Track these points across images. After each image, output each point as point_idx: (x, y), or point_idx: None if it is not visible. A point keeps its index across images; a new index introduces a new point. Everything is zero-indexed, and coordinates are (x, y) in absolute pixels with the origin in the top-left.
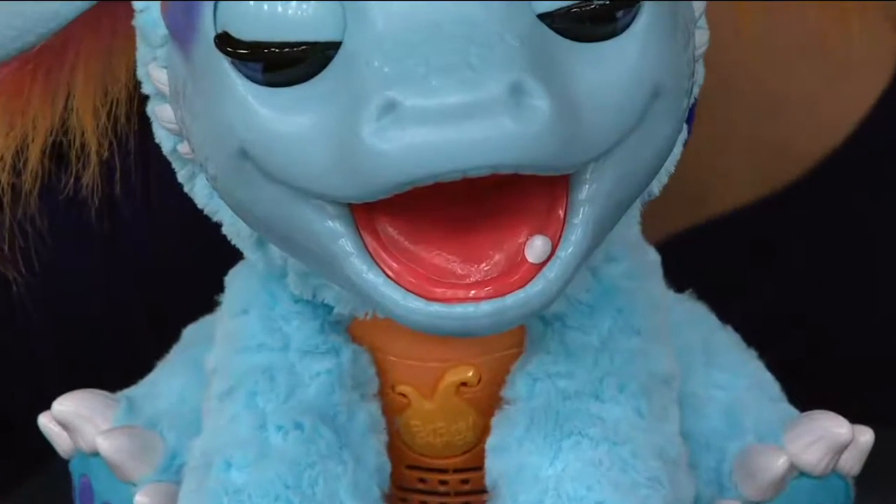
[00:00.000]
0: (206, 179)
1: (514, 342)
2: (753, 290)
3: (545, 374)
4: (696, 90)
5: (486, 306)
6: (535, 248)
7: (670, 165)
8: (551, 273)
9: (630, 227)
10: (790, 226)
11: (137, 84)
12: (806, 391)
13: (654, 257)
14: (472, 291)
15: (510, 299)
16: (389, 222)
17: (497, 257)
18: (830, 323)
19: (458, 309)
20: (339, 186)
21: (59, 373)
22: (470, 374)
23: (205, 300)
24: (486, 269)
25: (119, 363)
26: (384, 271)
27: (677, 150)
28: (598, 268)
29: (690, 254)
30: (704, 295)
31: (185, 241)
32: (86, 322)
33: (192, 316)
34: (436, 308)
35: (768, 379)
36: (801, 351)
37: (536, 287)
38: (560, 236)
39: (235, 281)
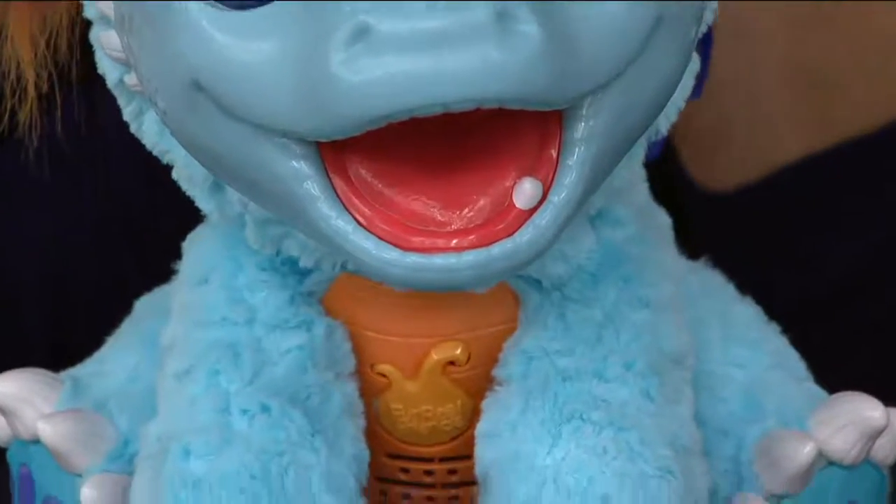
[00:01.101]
0: (157, 115)
1: (506, 316)
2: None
3: (542, 351)
4: (709, 16)
5: (469, 257)
6: (525, 192)
7: (679, 100)
8: (542, 220)
9: (636, 185)
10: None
11: (79, 8)
12: (838, 370)
13: (664, 220)
14: (454, 240)
15: (496, 249)
16: (361, 163)
17: (482, 202)
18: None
19: (439, 260)
20: (304, 122)
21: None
22: (458, 351)
23: (167, 253)
24: (469, 215)
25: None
26: (355, 217)
27: (688, 82)
28: (601, 232)
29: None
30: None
31: (142, 184)
32: (36, 274)
33: (157, 271)
34: (413, 259)
35: (793, 356)
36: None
37: (525, 236)
38: (552, 179)
39: (194, 247)
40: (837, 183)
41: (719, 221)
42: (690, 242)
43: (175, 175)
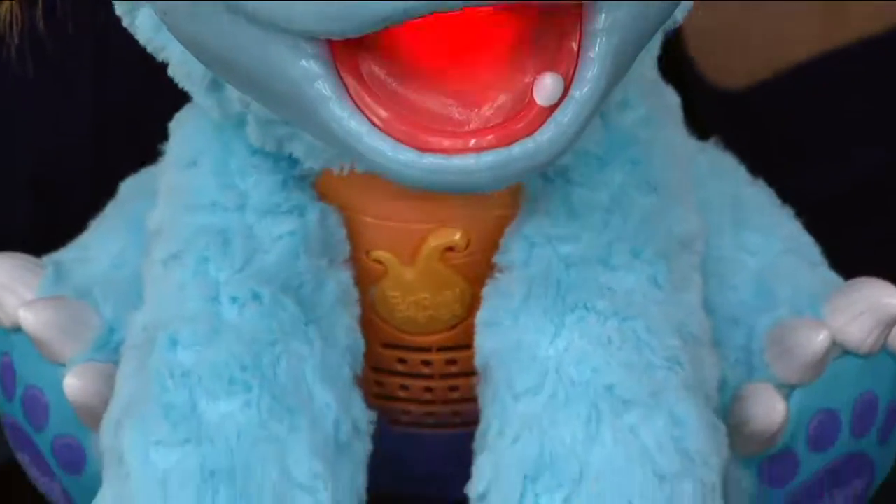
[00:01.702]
0: (154, 11)
1: (508, 200)
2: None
3: (545, 237)
4: None
5: (488, 157)
6: (545, 87)
7: None
8: (564, 117)
9: (644, 65)
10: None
11: None
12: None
13: (673, 100)
14: (473, 140)
15: (517, 149)
16: (375, 61)
17: (501, 100)
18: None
19: (457, 161)
20: (315, 19)
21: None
22: (457, 237)
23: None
24: (488, 113)
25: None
26: (369, 118)
27: None
28: (608, 115)
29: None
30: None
31: (131, 79)
32: (21, 160)
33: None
34: (430, 160)
35: (807, 241)
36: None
37: (547, 134)
38: (573, 73)
39: (182, 128)
40: (851, 83)
41: (729, 119)
42: (698, 138)
43: (171, 72)
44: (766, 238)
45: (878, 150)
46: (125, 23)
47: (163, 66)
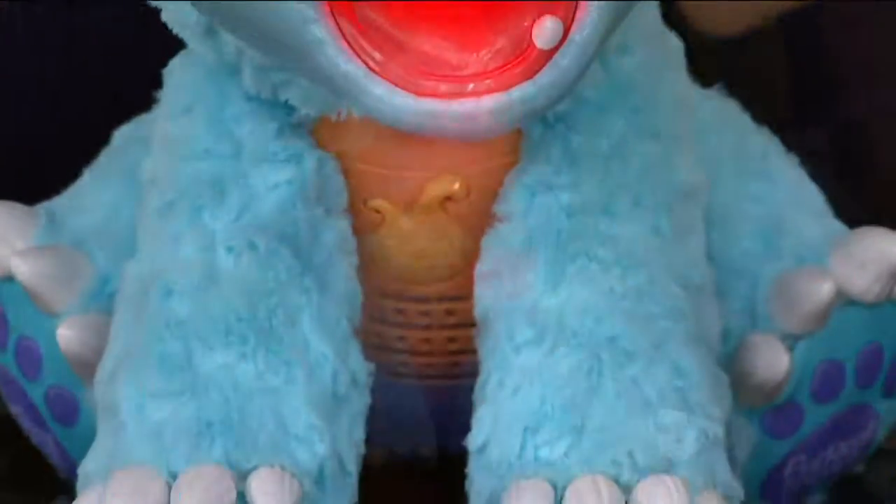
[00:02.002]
0: None
1: (508, 149)
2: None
3: (545, 185)
4: None
5: (488, 102)
6: (545, 31)
7: None
8: (564, 60)
9: (644, 8)
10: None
11: None
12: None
13: (675, 44)
14: (471, 85)
15: (516, 93)
16: (370, 5)
17: (499, 43)
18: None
19: (455, 106)
20: None
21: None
22: (456, 185)
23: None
24: (486, 57)
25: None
26: (365, 62)
27: None
28: (608, 61)
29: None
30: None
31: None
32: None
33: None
34: (428, 105)
35: (811, 190)
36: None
37: (547, 77)
38: (574, 16)
39: (176, 74)
40: (847, 28)
41: (721, 68)
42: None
43: (165, 18)
44: (771, 186)
45: (880, 94)
46: None
47: (150, 13)
